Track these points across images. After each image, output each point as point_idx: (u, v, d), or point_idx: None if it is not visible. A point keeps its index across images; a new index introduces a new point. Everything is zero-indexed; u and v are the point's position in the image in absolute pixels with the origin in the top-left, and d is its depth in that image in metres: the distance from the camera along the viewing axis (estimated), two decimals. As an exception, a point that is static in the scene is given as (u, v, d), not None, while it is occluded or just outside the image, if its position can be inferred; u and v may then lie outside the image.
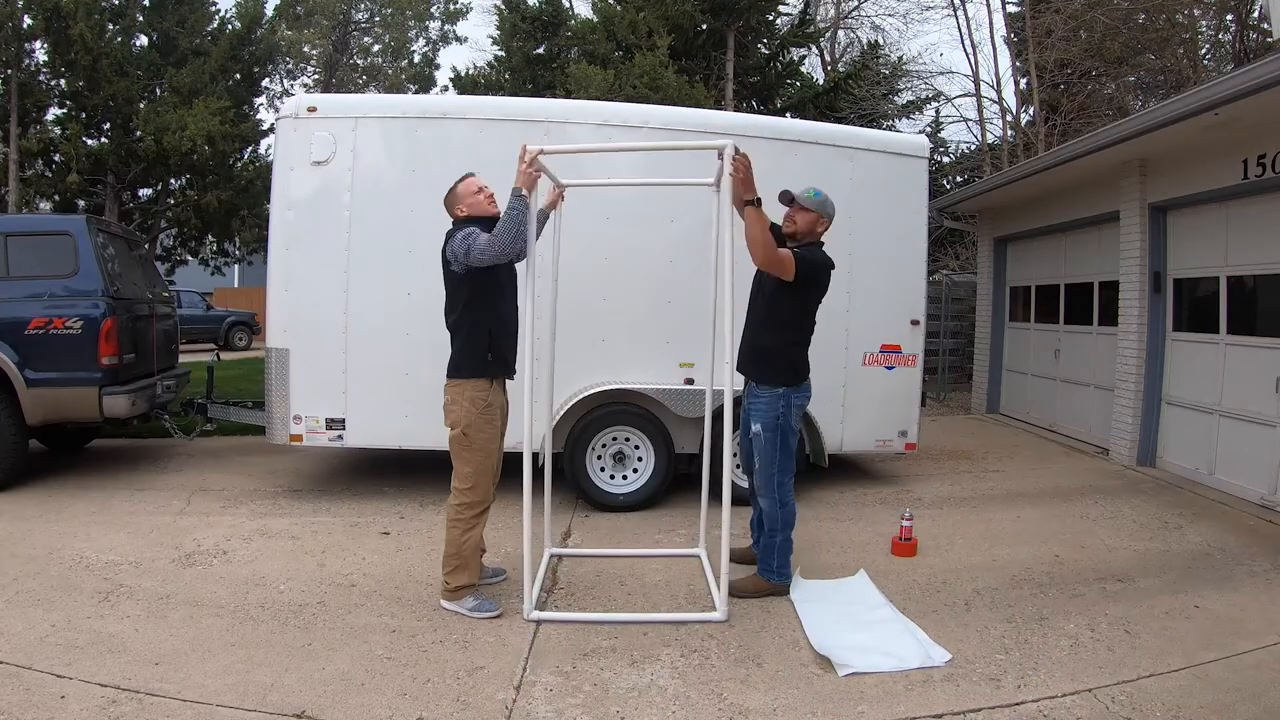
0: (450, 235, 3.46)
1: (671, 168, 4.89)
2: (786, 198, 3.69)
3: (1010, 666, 3.02)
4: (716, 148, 3.34)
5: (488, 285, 3.45)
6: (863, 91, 14.67)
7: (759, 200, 3.35)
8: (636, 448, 5.26)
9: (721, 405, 3.43)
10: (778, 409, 3.60)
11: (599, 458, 5.23)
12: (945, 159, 16.43)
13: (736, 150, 3.26)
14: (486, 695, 2.77)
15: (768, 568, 3.73)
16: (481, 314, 3.43)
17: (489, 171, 4.99)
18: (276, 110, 13.49)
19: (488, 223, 3.40)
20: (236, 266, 21.28)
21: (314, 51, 19.44)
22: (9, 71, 13.20)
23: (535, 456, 4.20)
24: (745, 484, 5.20)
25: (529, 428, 3.40)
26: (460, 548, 3.44)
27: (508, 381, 3.59)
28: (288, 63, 18.88)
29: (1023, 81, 14.70)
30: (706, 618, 3.40)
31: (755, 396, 3.69)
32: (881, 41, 18.20)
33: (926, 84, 15.99)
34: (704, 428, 4.22)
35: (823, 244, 3.74)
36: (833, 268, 3.69)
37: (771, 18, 15.81)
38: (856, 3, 20.02)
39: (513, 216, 3.27)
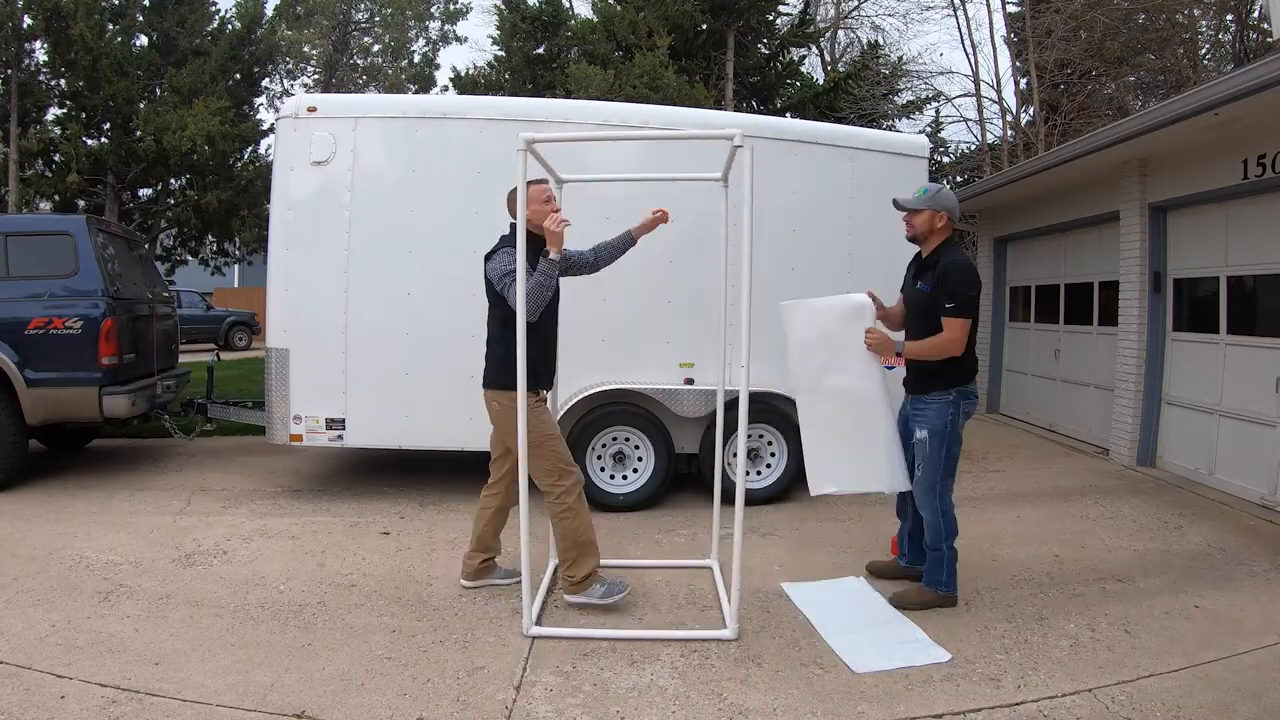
0: (492, 256, 3.42)
1: (674, 167, 4.90)
2: (898, 205, 3.61)
3: (1010, 666, 3.02)
4: (726, 137, 3.34)
5: None
6: (863, 91, 14.67)
7: (899, 349, 3.46)
8: (636, 448, 5.26)
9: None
10: (948, 415, 3.46)
11: (599, 458, 5.23)
12: (945, 159, 16.42)
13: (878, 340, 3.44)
14: (486, 695, 2.77)
15: (936, 580, 3.57)
16: (527, 331, 3.29)
17: (489, 171, 5.03)
18: (276, 110, 13.47)
19: (533, 242, 3.32)
20: (236, 266, 21.28)
21: (314, 51, 19.44)
22: (9, 71, 13.20)
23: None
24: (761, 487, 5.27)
25: (523, 430, 3.34)
26: (576, 536, 3.41)
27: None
28: (288, 63, 18.88)
29: (1023, 81, 14.70)
30: (717, 635, 3.24)
31: (924, 403, 3.53)
32: (881, 41, 18.20)
33: (926, 84, 15.99)
34: (716, 430, 4.10)
35: (953, 241, 3.57)
36: (979, 281, 3.53)
37: (771, 18, 15.80)
38: (856, 3, 20.02)
39: (544, 284, 3.28)
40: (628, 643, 3.18)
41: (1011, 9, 14.69)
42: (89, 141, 13.91)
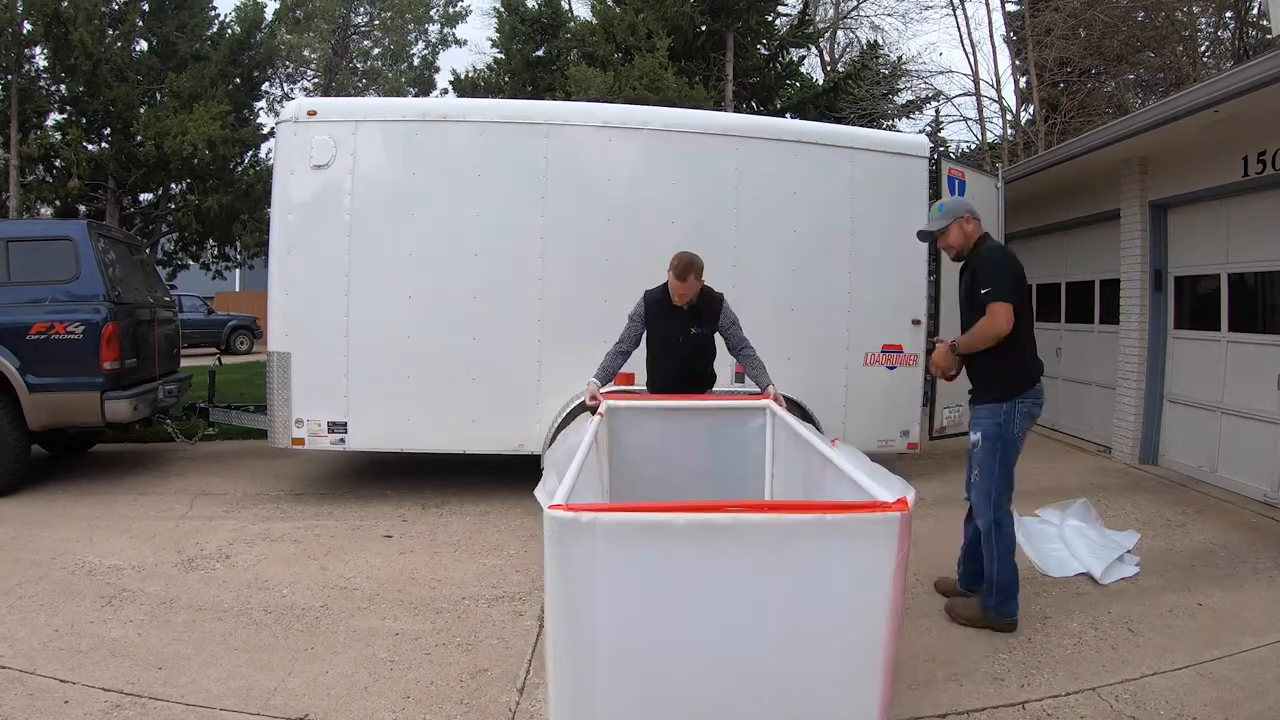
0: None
1: (671, 168, 4.91)
2: (924, 236, 3.60)
3: (1014, 665, 3.01)
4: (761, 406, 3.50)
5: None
6: (863, 91, 14.67)
7: (953, 342, 3.37)
8: (638, 449, 5.26)
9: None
10: (999, 416, 3.27)
11: (601, 459, 5.23)
12: (945, 159, 16.39)
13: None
14: (490, 698, 2.77)
15: (986, 603, 3.34)
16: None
17: (490, 174, 5.05)
18: (277, 114, 13.49)
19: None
20: (238, 270, 21.31)
21: (314, 55, 19.45)
22: (10, 77, 13.23)
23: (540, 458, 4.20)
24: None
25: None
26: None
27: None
28: (287, 67, 18.91)
29: (1022, 80, 14.70)
30: None
31: (978, 408, 3.40)
32: (881, 41, 18.21)
33: (926, 84, 15.97)
34: None
35: (986, 236, 3.49)
36: (1017, 265, 3.34)
37: (771, 18, 15.81)
38: (856, 3, 20.02)
39: None
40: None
41: (1011, 8, 14.71)
42: (89, 147, 13.93)
